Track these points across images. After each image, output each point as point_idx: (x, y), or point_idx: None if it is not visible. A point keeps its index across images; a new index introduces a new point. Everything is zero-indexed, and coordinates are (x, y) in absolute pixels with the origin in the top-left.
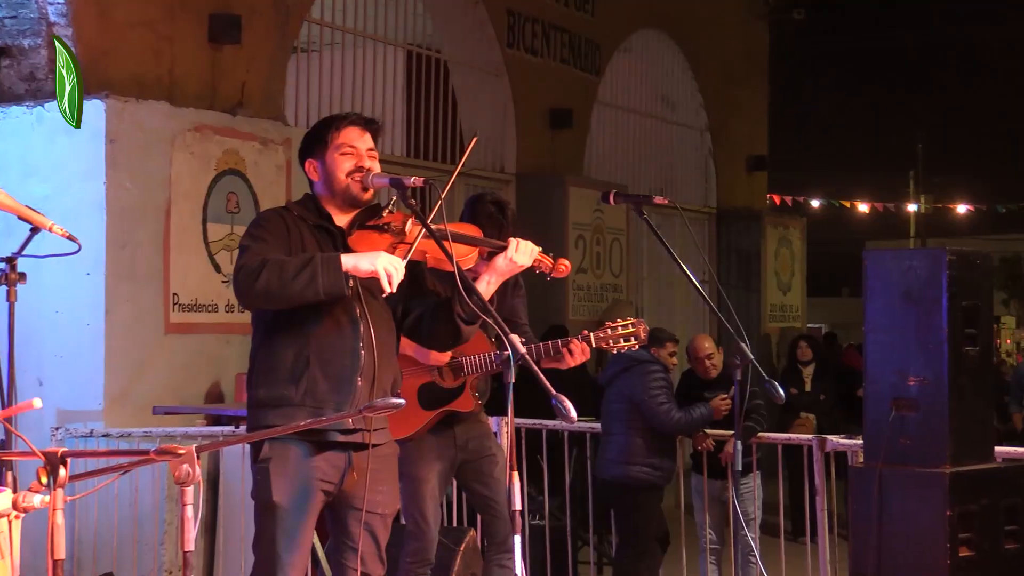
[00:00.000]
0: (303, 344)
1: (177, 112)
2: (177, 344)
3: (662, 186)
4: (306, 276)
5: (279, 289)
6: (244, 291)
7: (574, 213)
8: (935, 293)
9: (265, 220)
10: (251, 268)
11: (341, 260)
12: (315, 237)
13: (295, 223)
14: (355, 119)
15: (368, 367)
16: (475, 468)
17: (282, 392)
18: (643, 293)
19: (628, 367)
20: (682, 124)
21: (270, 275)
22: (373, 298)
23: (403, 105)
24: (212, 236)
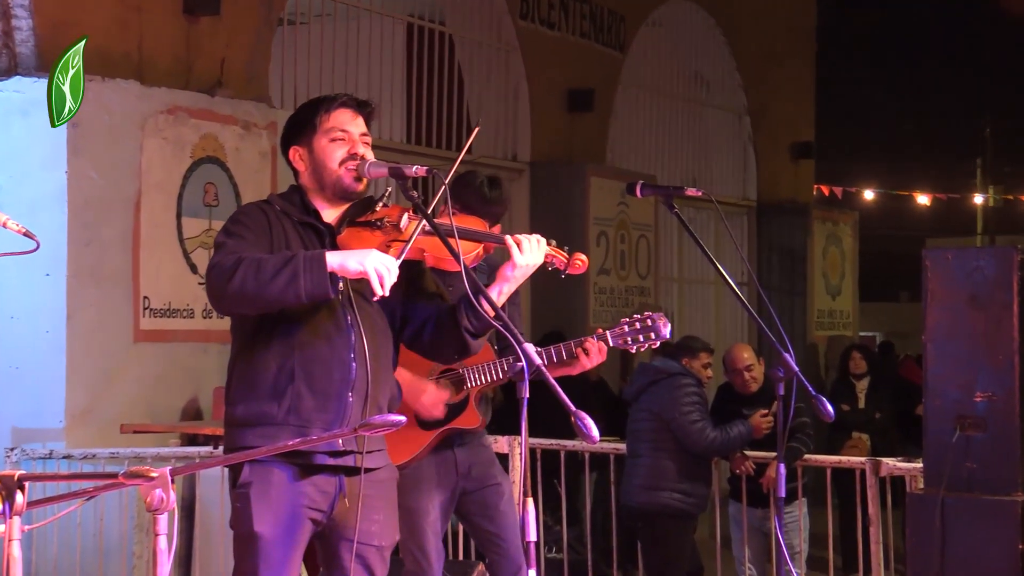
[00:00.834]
0: (287, 355)
1: (148, 92)
2: (148, 354)
3: (695, 176)
4: (286, 276)
5: (255, 290)
6: (217, 292)
7: (595, 207)
8: (1005, 297)
9: (244, 215)
10: (225, 267)
11: (326, 259)
12: (300, 235)
13: (278, 219)
14: (347, 100)
15: (361, 381)
16: (479, 499)
17: (263, 409)
18: (673, 297)
19: (656, 380)
20: (718, 107)
21: (245, 275)
22: (367, 303)
23: (403, 85)
24: (188, 232)
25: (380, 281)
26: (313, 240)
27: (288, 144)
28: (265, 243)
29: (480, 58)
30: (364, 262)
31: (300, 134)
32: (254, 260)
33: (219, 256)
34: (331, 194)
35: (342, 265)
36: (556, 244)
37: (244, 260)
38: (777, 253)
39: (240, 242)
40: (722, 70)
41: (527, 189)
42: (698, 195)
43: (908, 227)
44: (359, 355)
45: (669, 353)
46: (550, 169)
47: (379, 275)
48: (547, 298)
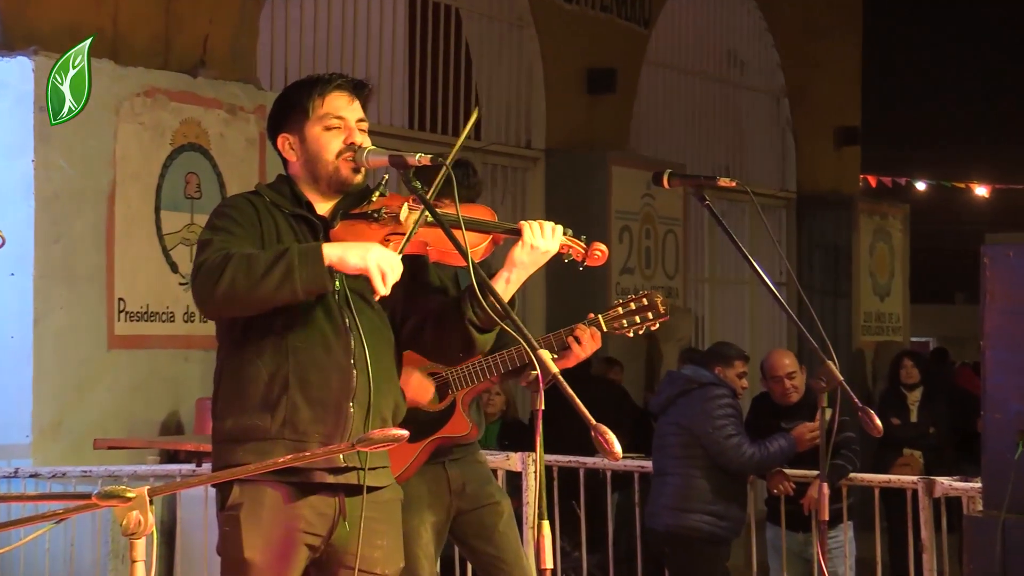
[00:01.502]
0: (280, 362)
1: (123, 73)
2: (124, 361)
3: (728, 165)
4: (280, 271)
5: (247, 290)
6: (205, 294)
7: (618, 199)
8: None
9: (231, 208)
10: (212, 265)
11: (323, 251)
12: (293, 229)
13: (268, 211)
14: (342, 83)
15: (362, 390)
16: (476, 520)
17: (254, 422)
18: (704, 299)
19: (686, 390)
20: (753, 88)
21: (236, 273)
22: (367, 304)
23: (405, 64)
24: (167, 227)
25: (383, 278)
26: (306, 234)
27: (276, 131)
28: (255, 238)
29: (490, 34)
30: (366, 257)
31: (290, 120)
32: (244, 256)
33: (205, 254)
34: (326, 186)
35: (341, 259)
36: (572, 233)
37: (233, 257)
38: (819, 250)
39: (228, 238)
40: (758, 47)
41: (542, 179)
42: (732, 186)
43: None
44: (359, 360)
45: (700, 361)
46: (567, 157)
47: (381, 272)
48: (563, 301)
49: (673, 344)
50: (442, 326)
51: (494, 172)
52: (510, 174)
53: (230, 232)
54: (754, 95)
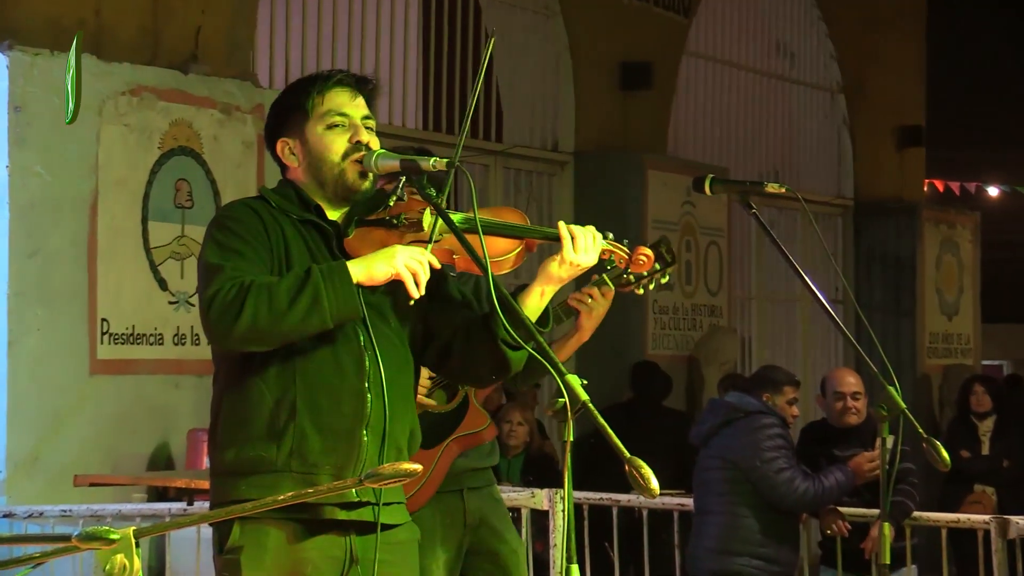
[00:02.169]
0: (287, 385)
1: (106, 69)
2: (107, 388)
3: (778, 168)
4: (306, 301)
5: (271, 324)
6: (222, 332)
7: (655, 206)
8: None
9: (234, 220)
10: (228, 299)
11: (348, 269)
12: (303, 236)
13: (274, 219)
14: (342, 78)
15: (377, 416)
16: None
17: (259, 453)
18: (751, 318)
19: (731, 420)
20: (806, 83)
21: (257, 306)
22: (382, 320)
23: (418, 58)
24: (156, 240)
25: (416, 278)
26: (318, 241)
27: (274, 136)
28: (265, 253)
29: (513, 25)
30: (394, 262)
31: (288, 123)
32: (263, 287)
33: (216, 284)
34: (332, 193)
35: (369, 273)
36: (613, 237)
37: (251, 288)
38: (879, 263)
39: (238, 261)
40: (810, 37)
41: (570, 185)
42: (782, 192)
43: None
44: (374, 383)
45: (746, 387)
46: (599, 160)
47: (413, 272)
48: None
49: (716, 368)
50: (470, 346)
51: (517, 178)
52: (535, 180)
53: (239, 253)
54: (806, 91)
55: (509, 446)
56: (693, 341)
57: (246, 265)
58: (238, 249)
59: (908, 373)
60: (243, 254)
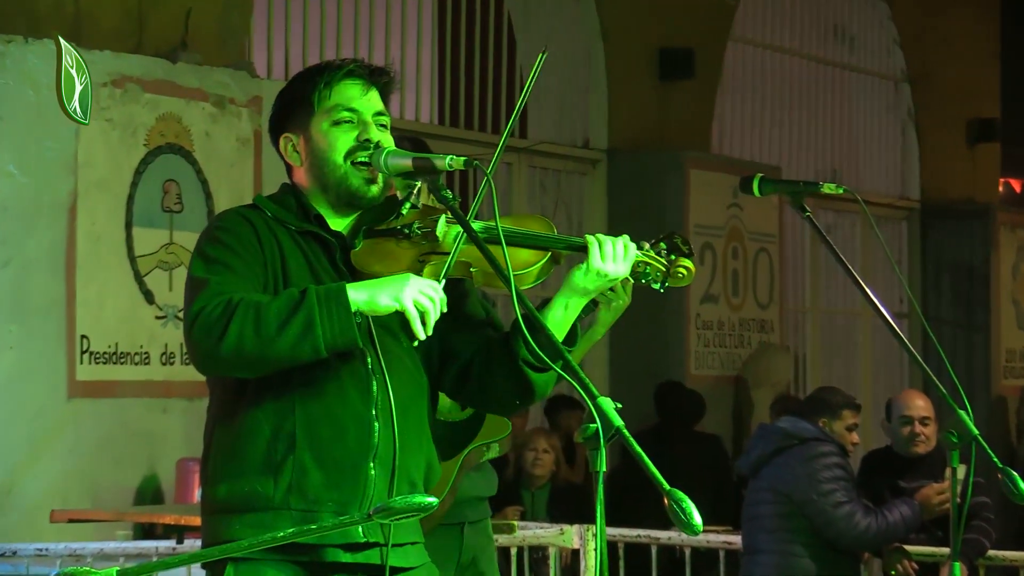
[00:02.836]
0: (285, 413)
1: (87, 58)
2: (88, 413)
3: (835, 167)
4: (298, 325)
5: (258, 348)
6: (204, 353)
7: (697, 210)
8: None
9: (225, 230)
10: (212, 317)
11: (348, 294)
12: (302, 250)
13: (270, 230)
14: (354, 69)
15: (385, 446)
16: None
17: (254, 488)
18: (805, 334)
19: (783, 448)
20: (866, 71)
21: (243, 328)
22: (393, 339)
23: (433, 44)
24: (141, 247)
25: (422, 318)
26: (319, 255)
27: (278, 131)
28: (258, 268)
29: (538, 9)
30: (400, 293)
31: (293, 116)
32: (252, 306)
33: (201, 300)
34: (336, 197)
35: (370, 302)
36: (649, 247)
37: (238, 306)
38: (949, 272)
39: (226, 275)
40: (872, 20)
41: (603, 186)
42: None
43: None
44: (382, 411)
45: (800, 411)
46: (635, 159)
47: (422, 310)
48: (630, 336)
49: (767, 390)
50: (491, 369)
51: (543, 177)
52: (563, 180)
53: (228, 266)
54: (867, 80)
55: (534, 476)
56: (741, 360)
57: (235, 280)
58: (228, 262)
59: (982, 395)
60: (233, 268)
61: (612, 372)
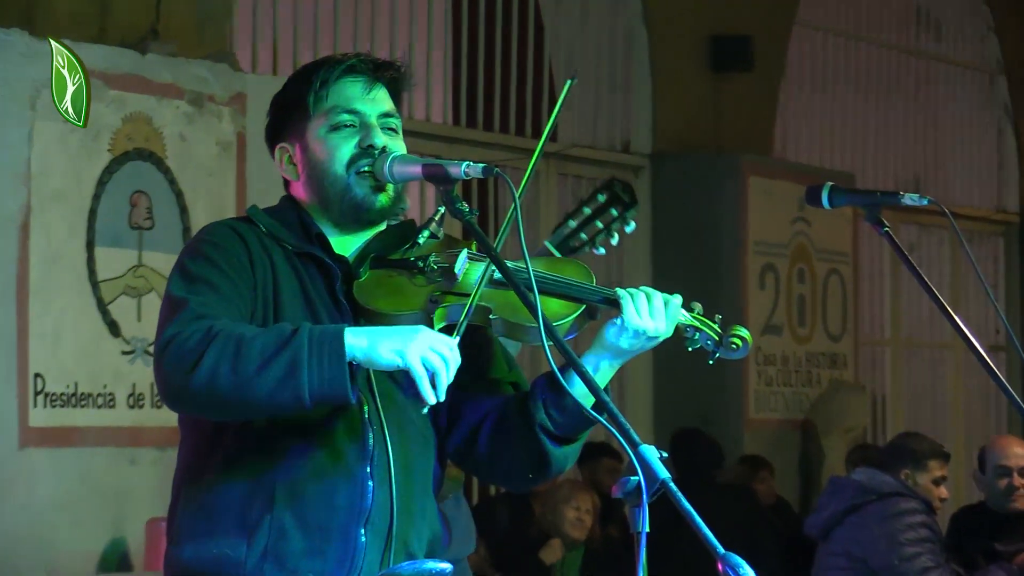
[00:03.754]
0: (265, 467)
1: (41, 48)
2: (43, 465)
3: (919, 174)
4: (282, 366)
5: (232, 388)
6: (174, 385)
7: (757, 224)
8: None
9: (213, 245)
10: (187, 345)
11: (345, 339)
12: (298, 276)
13: (263, 248)
14: (356, 64)
15: (381, 510)
16: None
17: (223, 551)
18: (885, 371)
19: (859, 505)
20: (955, 62)
21: (219, 360)
22: (393, 385)
23: (446, 33)
24: (105, 270)
25: (432, 382)
26: (317, 283)
27: (273, 140)
28: (246, 293)
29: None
30: (406, 350)
31: (287, 123)
32: (233, 337)
33: (178, 324)
34: (340, 214)
35: (370, 355)
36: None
37: (218, 335)
38: None
39: (210, 296)
40: (962, 2)
41: (646, 196)
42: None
43: None
44: (379, 468)
45: (879, 462)
46: (683, 165)
47: (432, 369)
48: (677, 374)
49: (839, 436)
50: (502, 436)
51: (576, 187)
52: None
53: (212, 286)
54: (956, 73)
55: (572, 538)
56: (808, 401)
57: (219, 304)
58: (212, 282)
59: None
60: (218, 289)
61: (656, 416)
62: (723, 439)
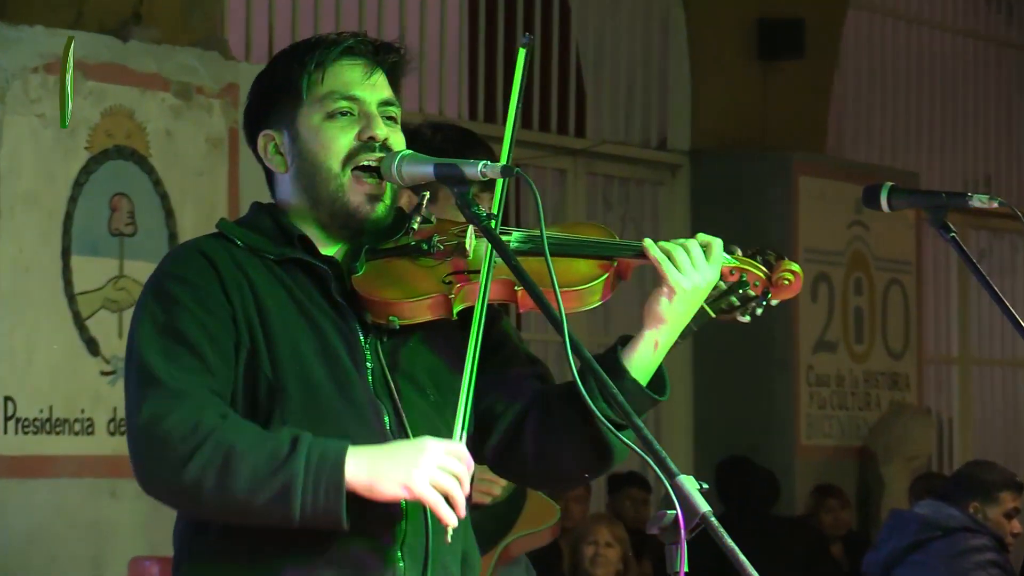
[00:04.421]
0: None
1: (13, 35)
2: (15, 498)
3: (990, 173)
4: (274, 490)
5: (217, 501)
6: (156, 480)
7: (808, 228)
8: None
9: (180, 281)
10: (172, 437)
11: (346, 467)
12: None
13: (240, 270)
14: (354, 45)
15: (415, 532)
16: None
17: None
18: (952, 392)
19: (924, 541)
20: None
21: (206, 469)
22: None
23: (461, 18)
24: (83, 282)
25: (451, 502)
26: (308, 289)
27: (256, 126)
28: (225, 335)
29: None
30: (412, 481)
31: (274, 108)
32: (221, 447)
33: (157, 403)
34: (329, 216)
35: (371, 485)
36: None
37: (205, 440)
38: None
39: (186, 360)
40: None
41: (685, 197)
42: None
43: None
44: None
45: (945, 493)
46: (726, 163)
47: (445, 491)
48: (720, 396)
49: (901, 465)
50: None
51: (607, 188)
52: (633, 190)
53: (188, 345)
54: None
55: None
56: (867, 426)
57: (195, 371)
58: (186, 339)
59: None
60: (193, 347)
61: (697, 442)
62: (771, 468)
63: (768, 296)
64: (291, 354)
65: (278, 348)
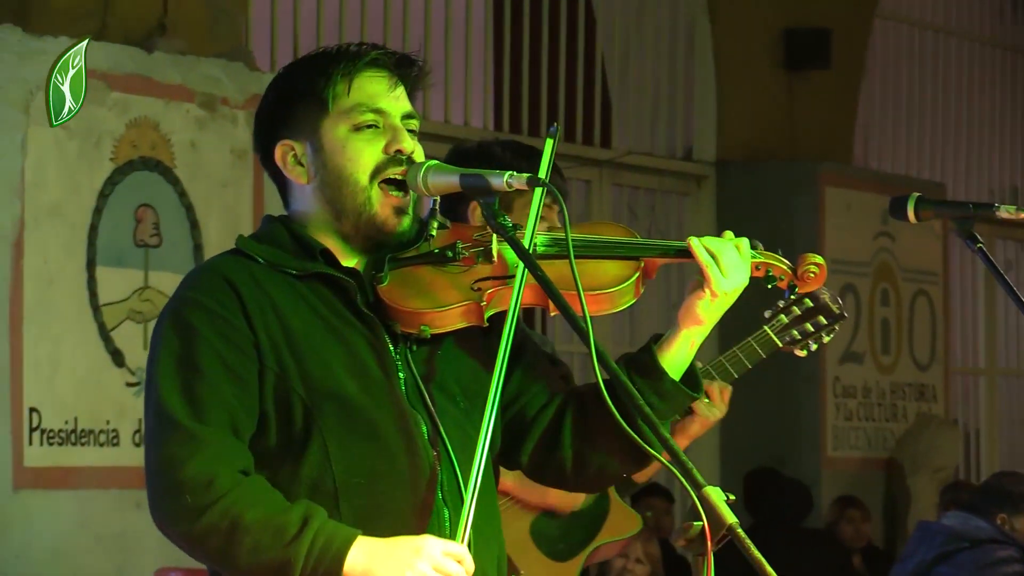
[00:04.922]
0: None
1: (37, 46)
2: (39, 509)
3: (1017, 184)
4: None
5: (218, 560)
6: (167, 521)
7: (835, 239)
8: None
9: (201, 308)
10: (185, 491)
11: (347, 560)
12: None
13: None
14: (378, 57)
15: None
16: None
17: None
18: (979, 403)
19: (949, 553)
20: None
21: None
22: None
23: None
24: (108, 293)
25: None
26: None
27: (272, 136)
28: (247, 364)
29: None
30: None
31: (295, 117)
32: (228, 515)
33: (177, 446)
34: (353, 228)
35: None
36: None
37: (215, 503)
38: None
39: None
40: None
41: (711, 208)
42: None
43: None
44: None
45: (973, 505)
46: (752, 174)
47: None
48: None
49: (927, 476)
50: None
51: (633, 199)
52: (659, 201)
53: (208, 383)
54: None
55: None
56: (894, 437)
57: (212, 404)
58: (203, 370)
59: None
60: (212, 381)
61: (723, 454)
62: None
63: (795, 290)
64: (322, 372)
65: (308, 367)
